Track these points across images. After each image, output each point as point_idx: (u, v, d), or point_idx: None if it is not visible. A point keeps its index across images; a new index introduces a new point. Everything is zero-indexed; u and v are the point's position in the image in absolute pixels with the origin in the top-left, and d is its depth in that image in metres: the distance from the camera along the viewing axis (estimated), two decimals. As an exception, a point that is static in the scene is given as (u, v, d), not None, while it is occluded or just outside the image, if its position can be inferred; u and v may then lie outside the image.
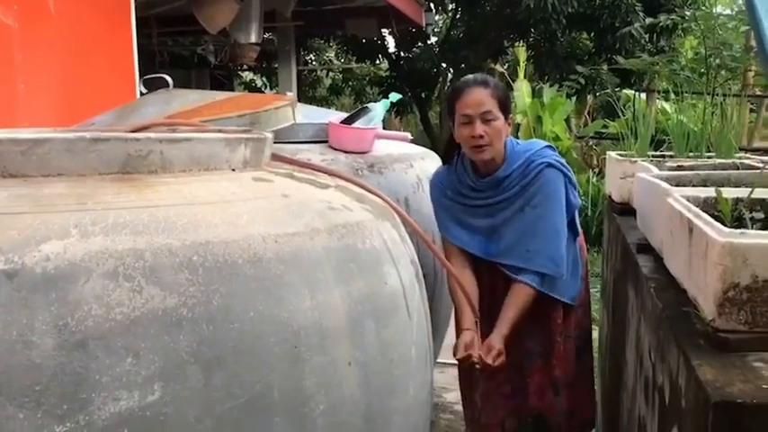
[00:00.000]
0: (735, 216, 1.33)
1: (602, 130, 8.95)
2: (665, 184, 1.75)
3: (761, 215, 1.37)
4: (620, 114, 9.32)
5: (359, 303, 1.24)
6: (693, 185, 1.92)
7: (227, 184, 1.27)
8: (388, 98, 2.76)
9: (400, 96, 2.76)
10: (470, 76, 2.13)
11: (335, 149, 2.37)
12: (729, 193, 1.42)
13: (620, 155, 3.25)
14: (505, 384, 2.21)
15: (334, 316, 1.19)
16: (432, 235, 2.29)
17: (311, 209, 1.28)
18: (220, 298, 1.04)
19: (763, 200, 1.39)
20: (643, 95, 7.73)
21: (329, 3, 6.77)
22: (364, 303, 1.26)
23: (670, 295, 1.39)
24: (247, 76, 13.06)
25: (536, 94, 8.21)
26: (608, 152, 3.46)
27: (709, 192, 1.47)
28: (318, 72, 13.54)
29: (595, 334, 2.84)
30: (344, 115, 2.77)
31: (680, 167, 2.78)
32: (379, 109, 2.65)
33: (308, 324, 1.14)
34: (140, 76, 4.78)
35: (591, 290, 2.49)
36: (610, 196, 3.10)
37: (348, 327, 1.21)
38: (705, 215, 1.19)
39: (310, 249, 1.19)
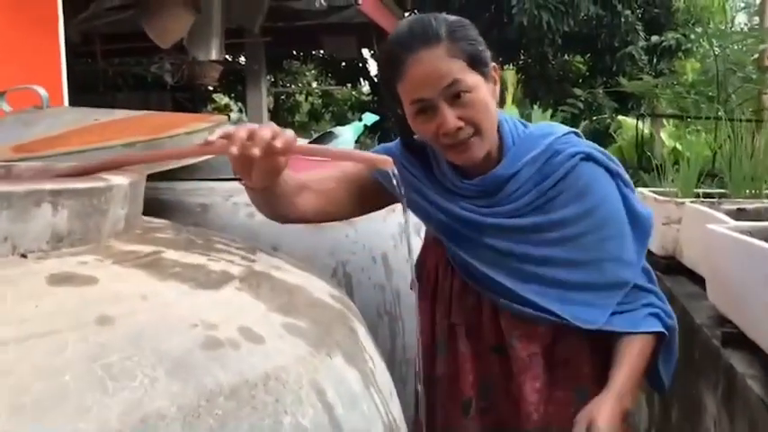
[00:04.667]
0: None
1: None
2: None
3: None
4: (614, 140, 8.79)
5: None
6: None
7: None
8: (360, 120, 2.08)
9: (376, 118, 2.07)
10: (404, 27, 1.18)
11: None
12: None
13: (656, 192, 2.58)
14: None
15: None
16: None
17: (158, 352, 0.58)
18: None
19: None
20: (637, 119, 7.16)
21: (302, 18, 6.11)
22: None
23: None
24: (222, 99, 12.37)
25: (525, 118, 7.61)
26: (639, 190, 2.79)
27: None
28: (297, 96, 12.87)
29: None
30: (303, 142, 2.10)
31: (743, 211, 2.13)
32: (347, 134, 1.98)
33: None
34: (83, 100, 4.10)
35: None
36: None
37: None
38: None
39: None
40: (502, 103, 1.61)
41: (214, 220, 1.79)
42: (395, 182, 0.94)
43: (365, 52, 9.30)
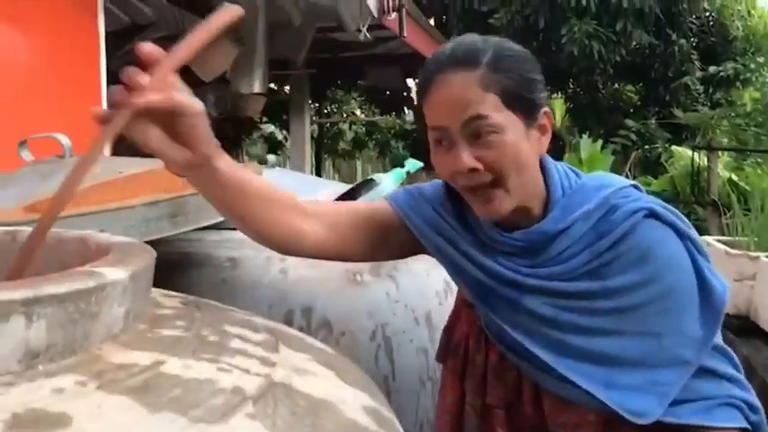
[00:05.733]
0: None
1: (644, 188, 8.11)
2: None
3: None
4: (665, 170, 8.51)
5: None
6: None
7: None
8: (403, 166, 1.95)
9: (420, 165, 1.93)
10: (450, 44, 1.05)
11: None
12: None
13: (724, 242, 2.38)
14: None
15: None
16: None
17: None
18: None
19: None
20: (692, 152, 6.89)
21: (346, 49, 6.04)
22: None
23: None
24: (267, 128, 12.41)
25: (572, 148, 7.40)
26: (704, 238, 2.59)
27: None
28: (341, 125, 12.86)
29: None
30: (341, 189, 1.99)
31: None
32: (388, 181, 1.85)
33: None
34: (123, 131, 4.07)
35: None
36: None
37: None
38: None
39: None
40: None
41: (243, 278, 1.67)
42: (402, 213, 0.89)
43: (410, 82, 9.23)
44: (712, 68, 6.98)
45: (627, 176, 8.31)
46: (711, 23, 7.68)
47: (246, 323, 0.89)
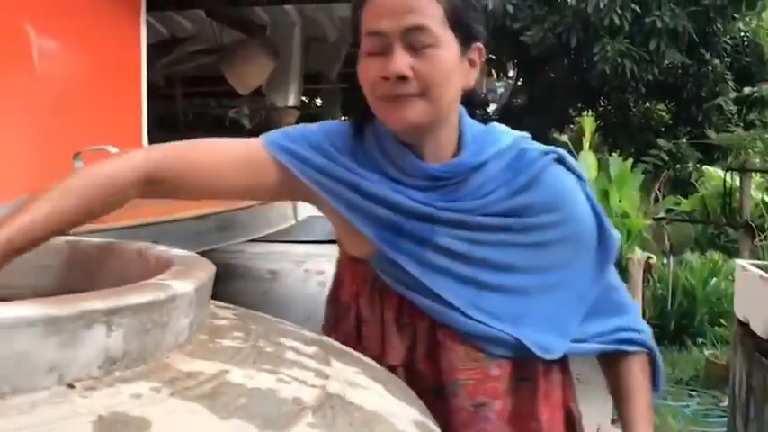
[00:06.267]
0: None
1: (674, 207, 8.03)
2: None
3: None
4: (695, 190, 8.39)
5: None
6: None
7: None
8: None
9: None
10: None
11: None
12: None
13: (759, 266, 2.37)
14: None
15: None
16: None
17: None
18: None
19: None
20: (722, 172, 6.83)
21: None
22: None
23: None
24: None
25: (601, 166, 7.36)
26: (737, 261, 2.58)
27: None
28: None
29: None
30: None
31: None
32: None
33: None
34: (164, 140, 4.16)
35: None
36: (744, 324, 2.20)
37: None
38: None
39: None
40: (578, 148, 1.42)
41: (282, 290, 1.71)
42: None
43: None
44: (746, 89, 6.92)
45: (656, 195, 8.20)
46: (746, 44, 7.61)
47: (297, 335, 0.93)
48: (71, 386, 0.60)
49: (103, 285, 0.89)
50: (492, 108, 11.06)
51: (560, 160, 1.10)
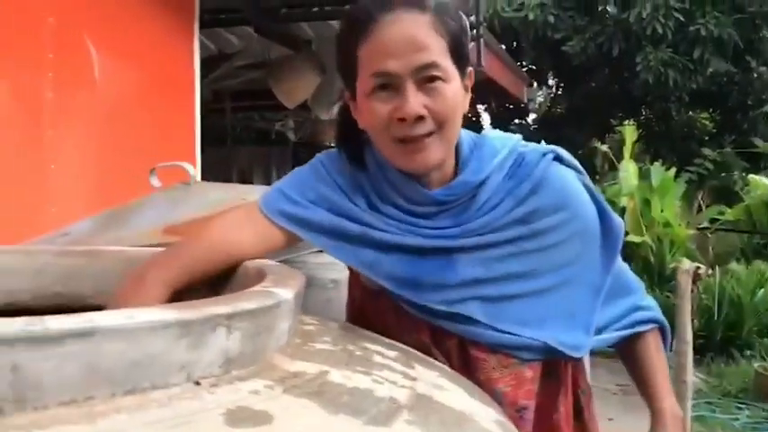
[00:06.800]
0: None
1: (718, 217, 7.92)
2: None
3: None
4: (740, 199, 8.25)
5: None
6: None
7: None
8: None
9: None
10: None
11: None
12: None
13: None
14: None
15: None
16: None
17: None
18: None
19: None
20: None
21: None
22: None
23: None
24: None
25: (643, 175, 7.31)
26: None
27: None
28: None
29: None
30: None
31: None
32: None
33: None
34: (212, 152, 4.28)
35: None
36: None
37: None
38: None
39: None
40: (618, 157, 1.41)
41: (344, 298, 1.77)
42: None
43: (479, 107, 9.31)
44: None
45: (699, 205, 8.07)
46: (793, 51, 7.51)
47: (377, 340, 0.99)
48: (197, 383, 0.66)
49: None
50: (531, 118, 11.06)
51: (558, 158, 1.12)
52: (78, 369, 0.58)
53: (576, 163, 1.14)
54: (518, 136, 1.16)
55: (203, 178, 3.06)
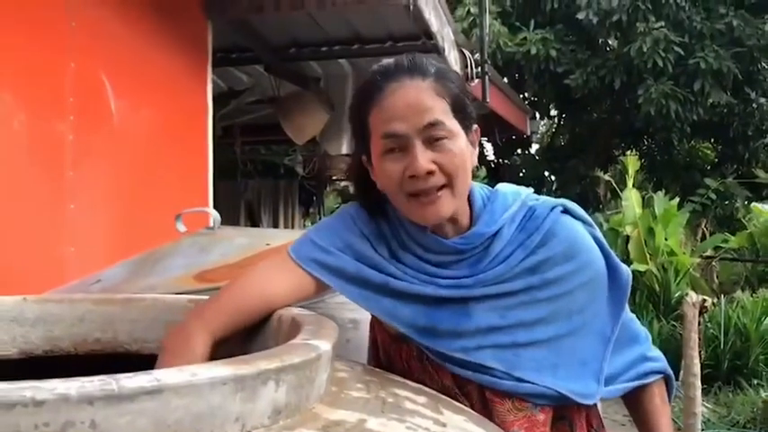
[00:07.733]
0: None
1: (721, 245, 7.96)
2: None
3: None
4: (743, 227, 8.28)
5: None
6: None
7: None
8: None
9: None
10: (391, 60, 1.10)
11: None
12: None
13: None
14: None
15: None
16: None
17: None
18: None
19: None
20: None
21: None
22: None
23: None
24: (342, 183, 12.74)
25: (645, 203, 7.38)
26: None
27: None
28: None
29: None
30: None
31: None
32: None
33: None
34: (218, 187, 4.36)
35: None
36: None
37: None
38: None
39: None
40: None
41: (364, 338, 1.82)
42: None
43: (483, 139, 9.40)
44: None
45: (703, 233, 8.10)
46: (792, 82, 7.63)
47: (405, 385, 1.04)
48: (250, 433, 0.72)
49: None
50: (534, 149, 11.17)
51: (567, 210, 1.18)
52: (149, 423, 0.64)
53: (585, 215, 1.20)
54: (529, 189, 1.23)
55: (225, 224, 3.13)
